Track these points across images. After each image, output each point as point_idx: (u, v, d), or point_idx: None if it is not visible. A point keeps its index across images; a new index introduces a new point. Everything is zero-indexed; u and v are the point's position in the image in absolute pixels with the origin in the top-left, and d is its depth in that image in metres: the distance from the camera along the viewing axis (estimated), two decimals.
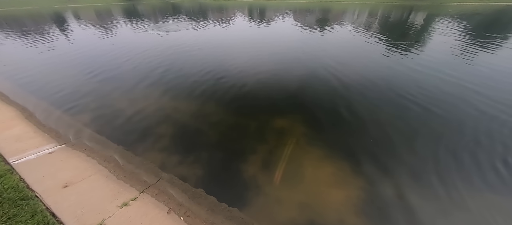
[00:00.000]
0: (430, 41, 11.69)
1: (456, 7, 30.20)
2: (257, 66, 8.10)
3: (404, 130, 4.43)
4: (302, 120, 4.85)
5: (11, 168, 3.08)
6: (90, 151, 3.66)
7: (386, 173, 3.44)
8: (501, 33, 13.03)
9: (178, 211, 2.59)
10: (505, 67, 7.45)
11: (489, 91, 5.78)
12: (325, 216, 2.86)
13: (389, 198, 3.05)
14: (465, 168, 3.49)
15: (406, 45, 10.62)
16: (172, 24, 19.05)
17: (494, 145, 3.91)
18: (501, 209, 2.87)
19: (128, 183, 2.97)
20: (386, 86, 6.27)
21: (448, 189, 3.13)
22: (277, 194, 3.16)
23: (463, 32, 13.28)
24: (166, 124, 4.67)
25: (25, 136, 3.97)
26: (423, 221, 2.73)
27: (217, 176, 3.41)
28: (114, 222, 2.37)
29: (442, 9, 28.81)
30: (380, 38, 12.49)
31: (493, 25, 15.99)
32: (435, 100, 5.41)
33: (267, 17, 23.81)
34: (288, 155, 3.90)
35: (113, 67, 8.26)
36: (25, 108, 5.18)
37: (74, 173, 3.09)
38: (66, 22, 21.45)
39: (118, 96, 5.96)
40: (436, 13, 23.63)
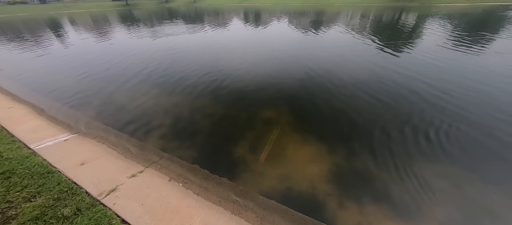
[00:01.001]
0: (400, 40, 12.47)
1: (444, 8, 31.38)
2: (249, 66, 8.72)
3: (367, 118, 5.02)
4: (287, 111, 5.44)
5: (33, 152, 3.61)
6: (99, 138, 4.21)
7: (354, 152, 4.04)
8: (486, 32, 13.86)
9: (177, 179, 3.16)
10: (465, 64, 8.22)
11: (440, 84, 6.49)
12: (300, 184, 3.43)
13: (354, 170, 3.64)
14: (409, 145, 4.12)
15: (382, 46, 11.34)
16: (168, 28, 19.62)
17: (431, 124, 4.60)
18: (432, 171, 3.50)
19: (134, 161, 3.52)
20: (353, 83, 6.82)
21: (395, 160, 3.75)
22: (261, 169, 3.73)
23: (447, 31, 14.12)
24: (165, 116, 5.24)
25: (40, 128, 4.49)
26: (377, 186, 3.33)
27: (210, 157, 3.97)
28: (126, 187, 2.92)
29: (431, 9, 29.92)
30: (361, 39, 13.24)
31: (480, 24, 16.88)
32: (392, 94, 6.03)
33: (261, 20, 24.55)
34: (273, 139, 4.48)
35: (112, 67, 8.81)
36: (35, 106, 5.69)
37: (88, 155, 3.63)
38: (64, 27, 21.88)
39: (119, 93, 6.51)
40: (425, 14, 24.61)
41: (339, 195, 3.21)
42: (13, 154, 3.49)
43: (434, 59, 8.66)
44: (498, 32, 13.54)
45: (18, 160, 3.31)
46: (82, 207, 2.56)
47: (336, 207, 3.01)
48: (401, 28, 16.62)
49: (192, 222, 2.48)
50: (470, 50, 9.75)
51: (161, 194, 2.85)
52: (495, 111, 5.09)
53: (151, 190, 2.90)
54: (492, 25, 16.27)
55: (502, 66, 7.71)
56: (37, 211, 2.47)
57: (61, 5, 53.22)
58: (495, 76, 6.94)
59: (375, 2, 41.53)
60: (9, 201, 2.59)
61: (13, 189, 2.75)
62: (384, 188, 3.31)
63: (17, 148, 3.69)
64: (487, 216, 2.85)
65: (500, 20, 18.15)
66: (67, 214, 2.44)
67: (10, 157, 3.39)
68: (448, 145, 4.08)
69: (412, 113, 5.08)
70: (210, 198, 2.86)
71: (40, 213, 2.45)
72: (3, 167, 3.12)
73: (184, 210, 2.62)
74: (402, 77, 7.08)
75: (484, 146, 4.06)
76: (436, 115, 4.96)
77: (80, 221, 2.37)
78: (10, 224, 2.32)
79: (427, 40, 12.11)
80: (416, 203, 3.04)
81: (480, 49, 9.91)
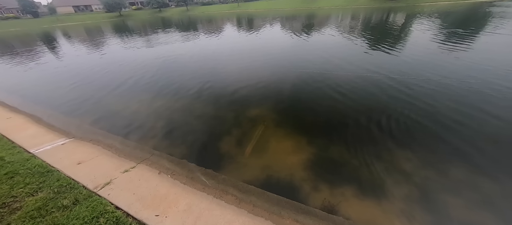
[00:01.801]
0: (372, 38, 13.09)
1: (429, 7, 32.56)
2: (238, 69, 9.15)
3: (342, 113, 5.42)
4: (272, 109, 5.82)
5: (33, 155, 3.91)
6: (95, 141, 4.52)
7: (330, 143, 4.41)
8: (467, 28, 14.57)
9: (166, 172, 3.49)
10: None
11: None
12: (280, 172, 3.77)
13: (329, 159, 4.01)
14: (376, 135, 4.54)
15: (364, 46, 11.92)
16: (161, 36, 20.07)
17: (393, 116, 5.03)
18: (396, 156, 3.90)
19: (127, 159, 3.84)
20: (332, 82, 7.36)
21: (364, 148, 4.15)
22: (246, 161, 4.07)
23: (429, 29, 14.81)
24: (156, 120, 5.57)
25: (39, 135, 4.79)
26: (348, 171, 3.70)
27: (198, 152, 4.31)
28: (119, 181, 3.24)
29: (416, 9, 31.04)
30: (345, 40, 13.84)
31: (464, 21, 17.67)
32: (360, 90, 6.49)
33: (253, 25, 25.19)
34: (258, 135, 4.84)
35: (105, 76, 9.16)
36: (33, 115, 5.98)
37: (84, 155, 3.94)
38: (57, 40, 22.18)
39: (113, 100, 6.84)
40: (411, 13, 25.54)
41: (314, 180, 3.56)
42: (15, 157, 3.78)
43: (408, 57, 9.21)
44: (479, 28, 14.28)
45: (20, 163, 3.61)
46: (79, 198, 2.87)
47: (310, 190, 3.36)
48: (387, 28, 17.33)
49: (178, 205, 2.80)
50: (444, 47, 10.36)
51: (151, 184, 3.17)
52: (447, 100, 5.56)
53: (142, 182, 3.22)
54: (473, 23, 17.07)
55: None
56: (39, 203, 2.77)
57: (54, 19, 53.55)
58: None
59: (363, 4, 42.82)
60: (13, 196, 2.89)
61: (16, 186, 3.05)
62: (354, 172, 3.67)
63: (18, 152, 3.99)
64: (439, 192, 3.23)
65: (481, 18, 19.03)
66: (66, 204, 2.75)
67: (12, 160, 3.69)
68: (407, 132, 4.51)
69: (379, 107, 5.50)
70: (195, 186, 3.20)
71: (42, 204, 2.76)
72: (6, 169, 3.41)
73: (171, 197, 2.95)
74: (376, 75, 7.55)
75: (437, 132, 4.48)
76: (397, 108, 5.40)
77: (78, 209, 2.68)
78: (15, 214, 2.62)
79: (411, 39, 12.74)
80: (380, 184, 3.41)
81: (453, 45, 10.53)
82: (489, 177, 3.39)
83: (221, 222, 2.60)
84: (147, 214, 2.68)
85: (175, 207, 2.78)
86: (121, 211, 2.71)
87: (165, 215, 2.66)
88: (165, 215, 2.66)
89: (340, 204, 3.08)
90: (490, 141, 4.16)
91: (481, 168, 3.56)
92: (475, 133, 4.40)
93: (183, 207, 2.78)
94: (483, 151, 3.91)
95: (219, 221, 2.61)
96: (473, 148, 3.99)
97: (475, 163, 3.68)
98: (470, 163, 3.67)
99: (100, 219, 2.55)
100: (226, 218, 2.65)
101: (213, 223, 2.58)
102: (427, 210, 2.95)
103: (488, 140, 4.19)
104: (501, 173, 3.45)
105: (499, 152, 3.91)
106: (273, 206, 2.95)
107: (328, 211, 2.94)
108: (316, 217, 2.81)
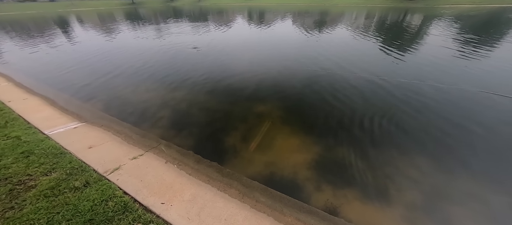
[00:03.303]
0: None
1: (449, 9, 31.18)
2: (248, 64, 9.12)
3: (351, 114, 5.36)
4: (278, 106, 5.81)
5: (47, 137, 4.07)
6: (105, 127, 4.66)
7: (336, 144, 4.38)
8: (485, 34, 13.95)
9: (172, 162, 3.57)
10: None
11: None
12: (284, 170, 3.80)
13: (334, 160, 3.99)
14: (384, 139, 4.47)
15: (381, 48, 11.59)
16: (173, 26, 20.14)
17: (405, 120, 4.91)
18: (403, 162, 3.84)
19: (136, 146, 3.95)
20: (344, 82, 7.25)
21: (372, 151, 4.11)
22: (250, 157, 4.11)
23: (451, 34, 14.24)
24: (165, 109, 5.67)
25: (53, 117, 4.97)
26: (352, 173, 3.69)
27: (204, 145, 4.38)
28: (127, 167, 3.35)
29: (435, 11, 29.78)
30: (362, 40, 13.49)
31: (486, 25, 16.90)
32: (370, 93, 6.37)
33: (265, 19, 24.88)
34: (264, 131, 4.85)
35: (118, 64, 9.34)
36: (48, 98, 6.19)
37: (95, 140, 4.07)
38: (72, 25, 22.64)
39: (124, 88, 6.98)
40: (431, 15, 24.56)
41: (317, 180, 3.57)
42: (30, 138, 3.96)
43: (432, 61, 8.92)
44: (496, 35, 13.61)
45: (35, 143, 3.77)
46: (90, 181, 2.99)
47: (313, 189, 3.37)
48: (403, 30, 16.77)
49: (183, 195, 2.88)
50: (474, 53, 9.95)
51: (157, 173, 3.26)
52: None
53: (149, 170, 3.32)
54: (492, 28, 16.27)
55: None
56: (52, 183, 2.91)
57: (68, 3, 54.54)
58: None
59: (379, 3, 41.41)
60: (29, 175, 3.04)
61: (32, 165, 3.21)
62: (358, 175, 3.66)
63: (33, 133, 4.16)
64: (444, 201, 3.18)
65: (499, 23, 18.09)
66: (78, 186, 2.87)
67: (28, 140, 3.86)
68: (420, 138, 4.42)
69: (389, 111, 5.39)
70: (200, 177, 3.27)
71: (55, 184, 2.89)
72: (22, 148, 3.58)
73: (177, 186, 3.03)
74: (388, 80, 7.38)
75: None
76: (409, 113, 5.29)
77: (88, 191, 2.80)
78: (31, 192, 2.77)
79: (429, 44, 12.31)
80: (384, 188, 3.38)
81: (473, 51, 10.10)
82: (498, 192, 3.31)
83: (224, 214, 2.66)
84: (153, 201, 2.77)
85: (180, 197, 2.86)
86: (129, 197, 2.81)
87: (171, 204, 2.74)
88: (171, 204, 2.74)
89: (342, 206, 3.08)
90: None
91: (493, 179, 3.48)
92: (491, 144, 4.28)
93: (187, 197, 2.86)
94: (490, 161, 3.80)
95: (222, 213, 2.67)
96: (487, 160, 3.89)
97: (486, 173, 3.59)
98: (478, 175, 3.59)
99: (109, 203, 2.66)
100: (229, 211, 2.71)
101: (216, 215, 2.65)
102: (430, 218, 2.92)
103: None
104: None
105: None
106: (276, 203, 2.99)
107: (330, 212, 2.95)
108: (318, 217, 2.83)
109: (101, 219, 2.45)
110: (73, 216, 2.47)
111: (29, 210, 2.52)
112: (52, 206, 2.58)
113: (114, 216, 2.50)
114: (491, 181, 3.47)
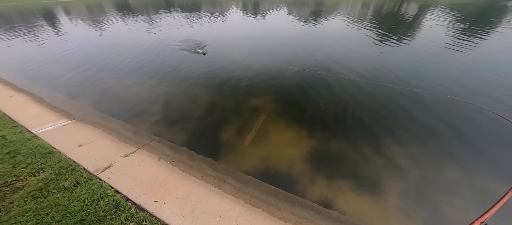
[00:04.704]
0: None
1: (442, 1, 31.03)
2: (238, 57, 8.94)
3: (345, 108, 5.36)
4: (273, 99, 5.74)
5: (35, 135, 3.94)
6: (96, 124, 4.53)
7: (332, 136, 4.39)
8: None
9: (165, 158, 3.52)
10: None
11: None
12: (279, 164, 3.78)
13: (328, 152, 4.00)
14: (378, 131, 4.50)
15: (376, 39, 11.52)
16: (165, 18, 19.52)
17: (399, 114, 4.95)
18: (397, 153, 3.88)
19: (128, 143, 3.86)
20: (338, 75, 7.22)
21: (365, 143, 4.13)
22: (245, 151, 4.08)
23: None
24: (157, 104, 5.54)
25: (40, 115, 4.80)
26: (346, 165, 3.71)
27: (198, 140, 4.31)
28: (119, 165, 3.28)
29: (432, 0, 29.61)
30: (359, 31, 13.36)
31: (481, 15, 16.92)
32: (365, 86, 6.40)
33: (260, 11, 24.32)
34: (259, 125, 4.80)
35: (107, 58, 9.04)
36: (34, 95, 5.97)
37: (85, 138, 3.96)
38: (58, 18, 21.71)
39: (115, 84, 6.78)
40: (427, 4, 24.40)
41: (312, 173, 3.57)
42: (16, 137, 3.81)
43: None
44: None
45: (21, 142, 3.64)
46: (80, 181, 2.91)
47: (307, 182, 3.38)
48: (401, 20, 16.67)
49: (177, 192, 2.85)
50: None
51: (150, 170, 3.21)
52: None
53: (142, 167, 3.26)
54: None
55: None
56: (41, 183, 2.83)
57: None
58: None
59: None
60: (16, 175, 2.94)
61: (18, 165, 3.10)
62: (352, 167, 3.68)
63: (19, 132, 4.02)
64: (437, 192, 3.24)
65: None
66: (67, 186, 2.80)
67: (14, 139, 3.72)
68: (411, 131, 4.47)
69: (383, 106, 5.40)
70: (194, 174, 3.23)
71: (43, 185, 2.81)
72: (8, 148, 3.45)
73: (171, 183, 2.99)
74: (384, 71, 7.37)
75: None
76: (404, 106, 5.32)
77: (79, 191, 2.74)
78: (18, 193, 2.68)
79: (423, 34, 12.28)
80: (377, 179, 3.41)
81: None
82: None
83: (218, 210, 2.64)
84: (146, 199, 2.73)
85: (174, 194, 2.82)
86: (121, 195, 2.76)
87: (164, 201, 2.71)
88: (164, 201, 2.71)
89: (337, 199, 3.10)
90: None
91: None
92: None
93: (181, 194, 2.82)
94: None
95: (216, 209, 2.66)
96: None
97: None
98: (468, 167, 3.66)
99: (100, 202, 2.60)
100: (224, 207, 2.69)
101: (210, 211, 2.63)
102: (422, 207, 2.97)
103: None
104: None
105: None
106: (270, 198, 2.99)
107: (324, 205, 2.97)
108: (312, 211, 2.85)
109: (92, 219, 2.40)
110: (63, 217, 2.41)
111: (17, 212, 2.44)
112: (41, 207, 2.51)
113: (106, 215, 2.45)
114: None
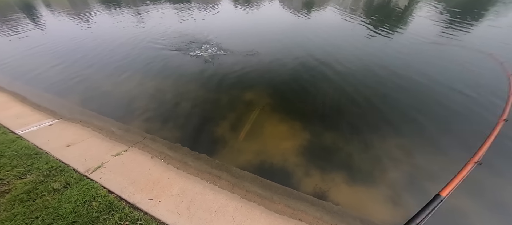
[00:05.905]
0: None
1: None
2: (232, 51, 8.79)
3: (339, 100, 5.42)
4: (267, 93, 5.71)
5: (19, 136, 3.77)
6: (84, 123, 4.39)
7: (325, 129, 4.44)
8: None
9: (159, 156, 3.47)
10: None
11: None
12: (274, 157, 3.81)
13: (322, 145, 4.05)
14: (370, 122, 4.61)
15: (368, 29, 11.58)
16: (153, 11, 18.80)
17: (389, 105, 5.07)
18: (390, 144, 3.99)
19: (119, 142, 3.77)
20: (333, 67, 7.25)
21: (358, 136, 4.22)
22: (240, 146, 4.07)
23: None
24: (149, 101, 5.41)
25: (24, 114, 4.59)
26: (340, 157, 3.78)
27: (192, 136, 4.27)
28: (111, 164, 3.21)
29: None
30: (351, 23, 13.38)
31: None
32: (359, 76, 6.47)
33: (252, 1, 23.83)
34: (253, 119, 4.79)
35: (94, 53, 8.68)
36: (17, 93, 5.69)
37: (73, 137, 3.83)
38: (39, 11, 20.52)
39: (102, 79, 6.55)
40: None
41: (306, 166, 3.63)
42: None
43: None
44: None
45: (5, 144, 3.48)
46: (70, 182, 2.83)
47: (302, 175, 3.43)
48: (391, 10, 16.77)
49: (171, 190, 2.83)
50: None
51: (143, 168, 3.16)
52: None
53: (135, 166, 3.20)
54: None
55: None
56: (28, 186, 2.73)
57: None
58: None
59: None
60: (1, 179, 2.82)
61: (3, 168, 2.97)
62: (346, 158, 3.76)
63: (2, 133, 3.84)
64: (429, 180, 3.36)
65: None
66: (57, 187, 2.72)
67: None
68: (406, 121, 4.59)
69: (380, 96, 5.50)
70: (188, 170, 3.20)
71: (31, 187, 2.71)
72: None
73: (165, 181, 2.96)
74: (378, 61, 7.45)
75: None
76: (397, 98, 5.43)
77: (69, 192, 2.66)
78: (4, 197, 2.58)
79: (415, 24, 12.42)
80: (370, 170, 3.51)
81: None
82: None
83: (214, 206, 2.65)
84: (140, 198, 2.69)
85: (169, 192, 2.80)
86: (114, 195, 2.71)
87: (159, 199, 2.68)
88: (159, 199, 2.68)
89: (330, 190, 3.17)
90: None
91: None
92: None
93: (176, 192, 2.80)
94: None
95: (212, 205, 2.66)
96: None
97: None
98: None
99: (93, 203, 2.55)
100: (219, 203, 2.70)
101: (206, 207, 2.63)
102: (414, 196, 3.09)
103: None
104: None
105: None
106: (266, 192, 3.02)
107: (318, 197, 3.03)
108: (307, 203, 2.90)
109: (85, 221, 2.35)
110: (54, 219, 2.35)
111: (4, 217, 2.36)
112: (29, 211, 2.43)
113: (99, 216, 2.41)
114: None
